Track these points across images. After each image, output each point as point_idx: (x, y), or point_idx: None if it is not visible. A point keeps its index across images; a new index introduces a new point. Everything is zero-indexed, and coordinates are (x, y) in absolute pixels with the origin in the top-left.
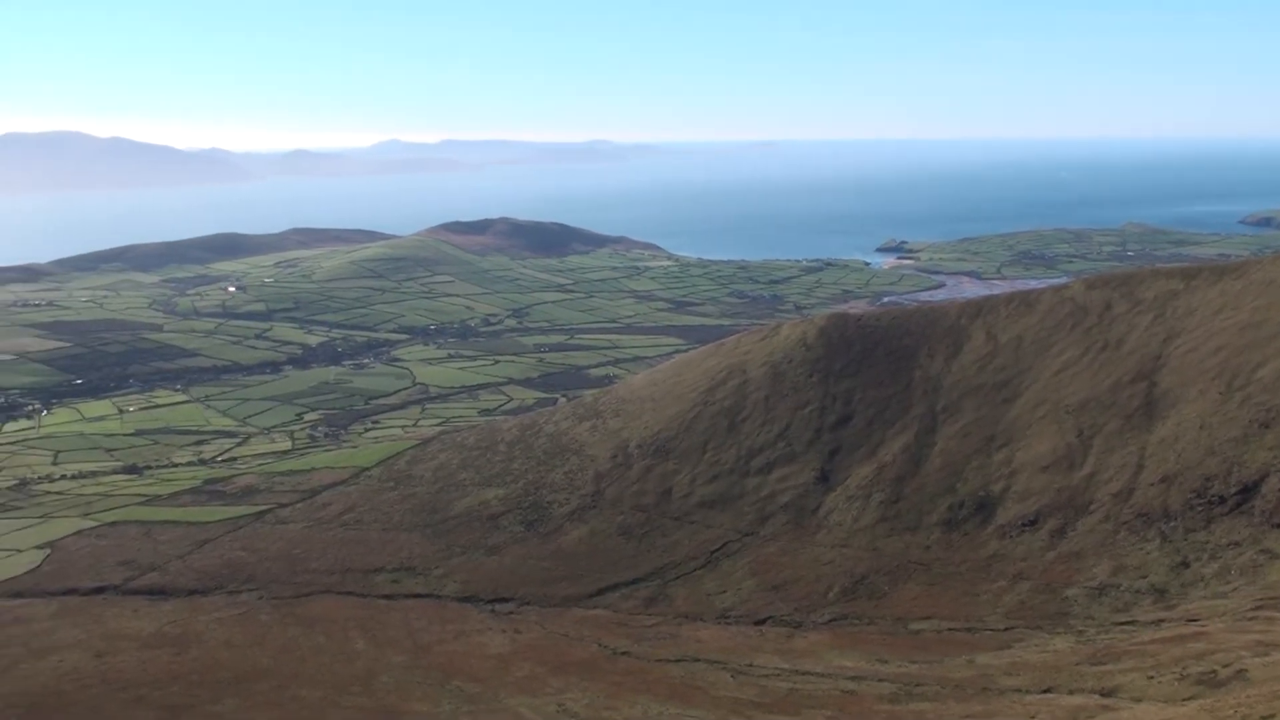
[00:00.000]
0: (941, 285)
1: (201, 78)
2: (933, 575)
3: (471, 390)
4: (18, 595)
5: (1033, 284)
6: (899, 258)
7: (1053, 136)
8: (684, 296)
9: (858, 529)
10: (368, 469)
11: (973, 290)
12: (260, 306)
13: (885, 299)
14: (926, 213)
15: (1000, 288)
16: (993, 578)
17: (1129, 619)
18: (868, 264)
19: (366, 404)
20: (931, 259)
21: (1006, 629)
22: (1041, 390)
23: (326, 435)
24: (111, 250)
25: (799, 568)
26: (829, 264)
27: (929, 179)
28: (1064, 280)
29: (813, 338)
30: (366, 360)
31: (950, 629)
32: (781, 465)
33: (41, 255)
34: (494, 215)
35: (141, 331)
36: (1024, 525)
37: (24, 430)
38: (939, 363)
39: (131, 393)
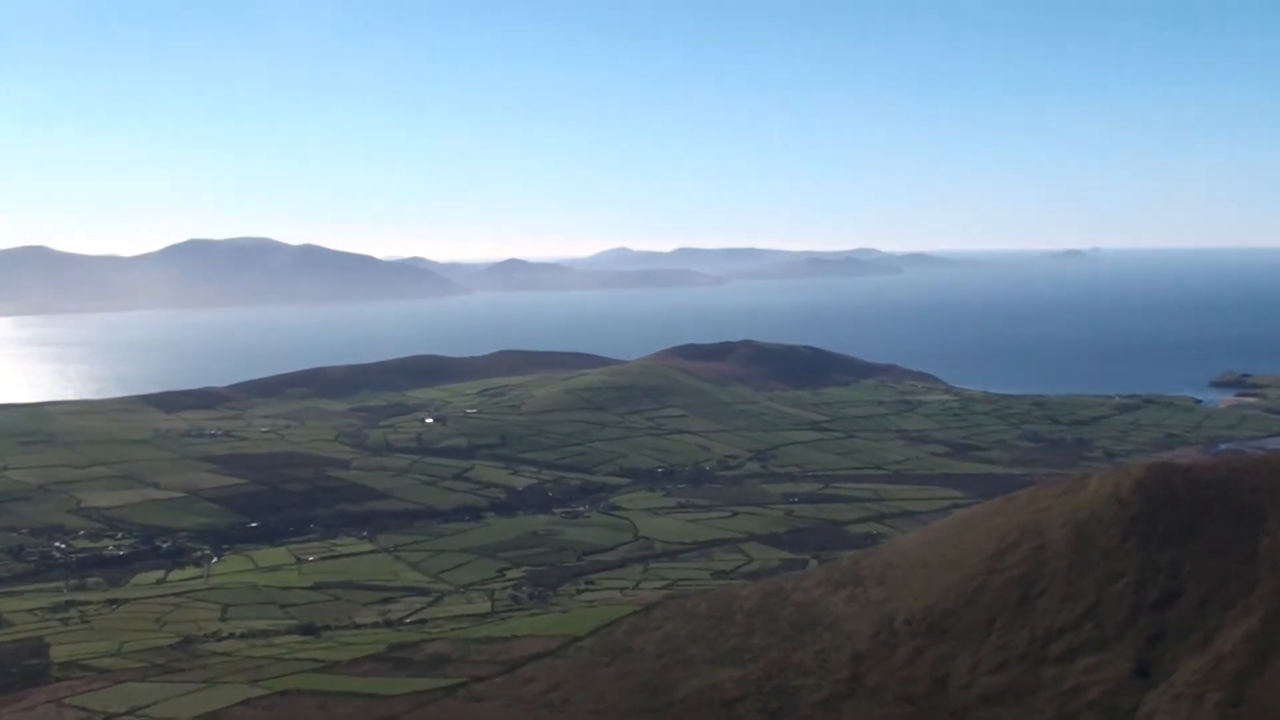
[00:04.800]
0: None
1: (402, 181)
2: None
3: (704, 547)
4: None
5: None
6: (1239, 394)
7: None
8: (965, 438)
9: None
10: (579, 639)
11: None
12: (461, 441)
13: (1222, 446)
14: (1277, 338)
15: None
16: None
17: None
18: (1199, 402)
19: (580, 560)
20: None
21: None
22: None
23: (532, 596)
24: (297, 374)
25: None
26: (1149, 401)
27: None
28: None
29: (1128, 492)
30: (581, 508)
31: None
32: (1088, 652)
33: (222, 378)
34: (736, 337)
35: (326, 468)
36: None
37: (191, 579)
38: None
39: (312, 539)
